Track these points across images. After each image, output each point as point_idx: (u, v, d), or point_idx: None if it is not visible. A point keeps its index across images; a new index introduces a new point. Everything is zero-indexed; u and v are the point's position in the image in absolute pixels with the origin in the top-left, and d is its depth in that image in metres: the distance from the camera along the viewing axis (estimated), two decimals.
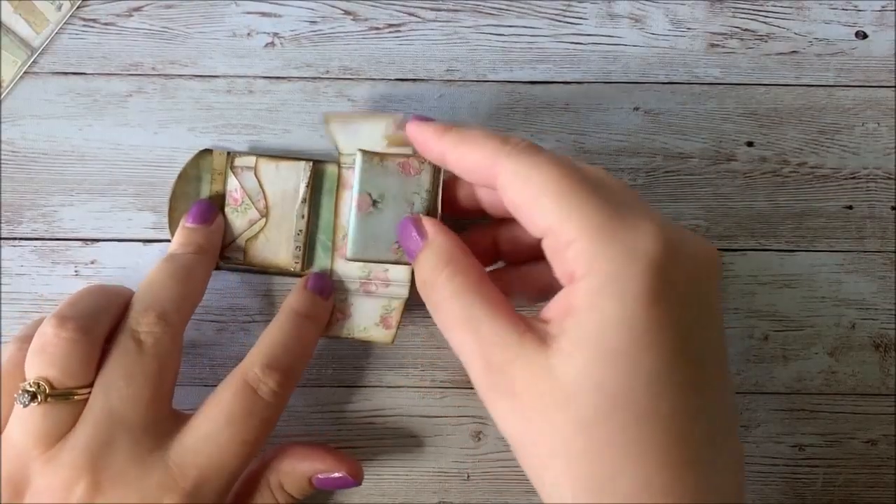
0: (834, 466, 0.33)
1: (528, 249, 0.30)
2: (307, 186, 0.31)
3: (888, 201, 0.34)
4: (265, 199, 0.32)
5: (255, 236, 0.32)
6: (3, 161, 0.33)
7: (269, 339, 0.29)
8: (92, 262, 0.33)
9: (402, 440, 0.33)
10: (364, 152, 0.29)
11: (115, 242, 0.33)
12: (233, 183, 0.32)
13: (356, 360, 0.33)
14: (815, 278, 0.34)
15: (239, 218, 0.32)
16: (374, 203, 0.29)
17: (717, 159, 0.34)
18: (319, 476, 0.30)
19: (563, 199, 0.24)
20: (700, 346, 0.23)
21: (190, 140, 0.33)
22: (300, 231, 0.31)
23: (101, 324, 0.27)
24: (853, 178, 0.34)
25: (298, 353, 0.29)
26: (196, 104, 0.33)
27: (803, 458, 0.33)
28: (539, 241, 0.29)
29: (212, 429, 0.27)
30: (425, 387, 0.33)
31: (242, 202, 0.32)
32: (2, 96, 0.33)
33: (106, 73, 0.33)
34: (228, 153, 0.32)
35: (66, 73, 0.33)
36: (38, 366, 0.26)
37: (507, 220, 0.30)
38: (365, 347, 0.33)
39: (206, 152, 0.32)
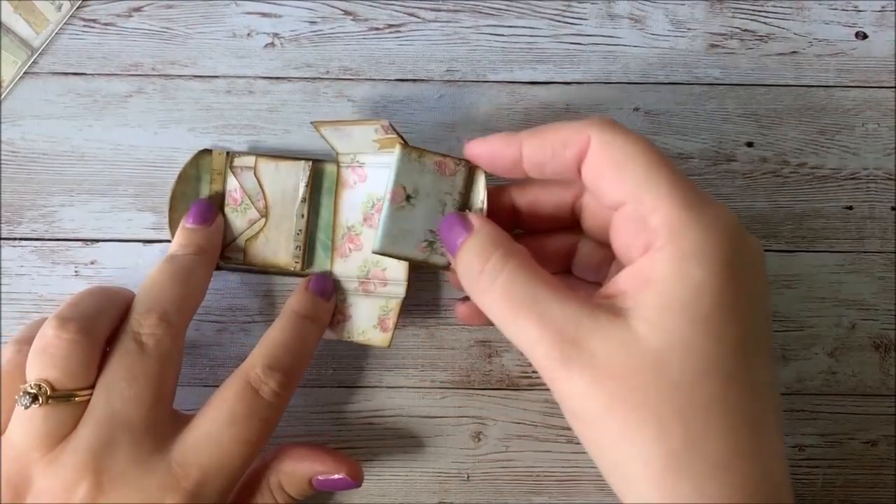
0: (834, 467, 0.33)
1: (548, 216, 0.30)
2: (307, 186, 0.31)
3: (888, 201, 0.34)
4: (265, 198, 0.32)
5: (255, 236, 0.32)
6: (3, 161, 0.33)
7: (271, 340, 0.29)
8: (92, 263, 0.33)
9: (402, 440, 0.33)
10: (403, 146, 0.29)
11: (115, 243, 0.33)
12: (232, 183, 0.32)
13: (356, 360, 0.33)
14: (815, 279, 0.34)
15: (238, 218, 0.32)
16: (408, 198, 0.29)
17: (717, 159, 0.34)
18: (319, 478, 0.30)
19: (651, 169, 0.25)
20: (766, 319, 0.25)
21: (190, 140, 0.33)
22: (300, 231, 0.31)
23: (103, 325, 0.27)
24: (853, 178, 0.34)
25: (300, 353, 0.29)
26: (196, 104, 0.33)
27: (803, 458, 0.33)
28: (563, 208, 0.29)
29: (214, 429, 0.27)
30: (425, 387, 0.33)
31: (242, 202, 0.32)
32: (2, 96, 0.33)
33: (106, 73, 0.33)
34: (228, 153, 0.32)
35: (66, 74, 0.33)
36: (40, 367, 0.26)
37: (527, 184, 0.30)
38: (365, 348, 0.33)
39: (206, 152, 0.32)
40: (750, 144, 0.34)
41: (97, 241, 0.33)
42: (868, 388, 0.33)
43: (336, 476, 0.30)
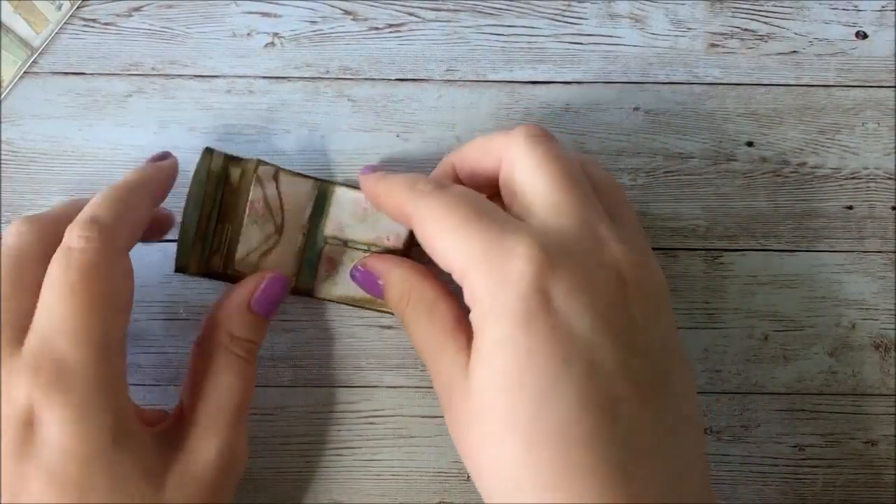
0: (834, 467, 0.33)
1: (488, 185, 0.29)
2: (312, 206, 0.31)
3: (888, 201, 0.34)
4: (282, 214, 0.31)
5: (267, 252, 0.31)
6: (3, 161, 0.33)
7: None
8: None
9: (402, 440, 0.33)
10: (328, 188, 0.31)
11: None
12: (257, 192, 0.30)
13: (356, 359, 0.33)
14: (815, 278, 0.34)
15: (256, 231, 0.30)
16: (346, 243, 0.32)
17: (717, 159, 0.34)
18: (256, 296, 0.29)
19: (451, 238, 0.25)
20: (599, 356, 0.23)
21: (190, 140, 0.33)
22: (299, 249, 0.31)
23: (58, 221, 0.26)
24: (853, 178, 0.34)
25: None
26: (196, 104, 0.33)
27: (803, 458, 0.33)
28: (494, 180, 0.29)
29: (51, 303, 0.25)
30: (425, 387, 0.33)
31: (263, 214, 0.31)
32: (2, 96, 0.33)
33: (106, 73, 0.33)
34: (258, 161, 0.30)
35: (66, 73, 0.33)
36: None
37: (464, 155, 0.30)
38: (364, 347, 0.33)
39: (234, 158, 0.30)
40: (750, 144, 0.34)
41: None
42: (868, 388, 0.33)
43: (264, 284, 0.29)
